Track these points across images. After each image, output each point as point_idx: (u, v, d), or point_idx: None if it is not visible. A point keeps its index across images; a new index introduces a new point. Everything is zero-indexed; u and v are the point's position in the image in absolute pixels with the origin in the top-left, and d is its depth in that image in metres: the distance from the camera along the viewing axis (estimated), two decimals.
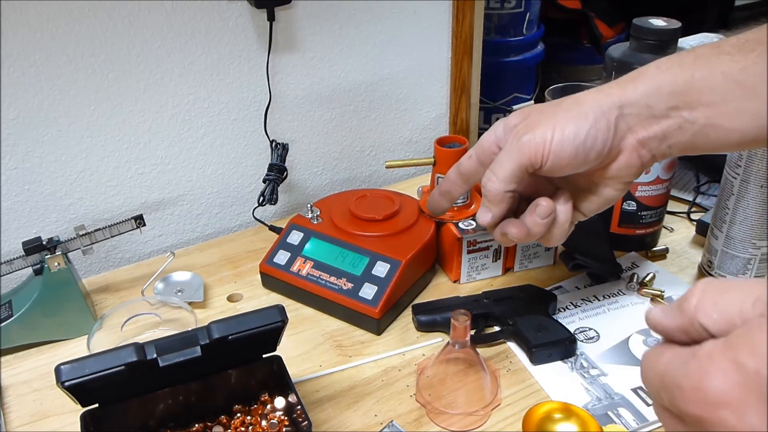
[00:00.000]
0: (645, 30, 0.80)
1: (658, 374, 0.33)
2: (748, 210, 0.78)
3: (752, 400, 0.28)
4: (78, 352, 0.78)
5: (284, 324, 0.61)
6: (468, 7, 1.12)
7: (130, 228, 0.83)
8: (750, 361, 0.28)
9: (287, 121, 1.06)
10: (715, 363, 0.29)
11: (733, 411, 0.28)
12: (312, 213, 0.89)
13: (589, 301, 0.84)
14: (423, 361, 0.75)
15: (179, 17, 0.90)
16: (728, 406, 0.28)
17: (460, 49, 1.15)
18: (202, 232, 1.07)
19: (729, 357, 0.29)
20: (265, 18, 0.95)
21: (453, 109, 1.22)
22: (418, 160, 0.90)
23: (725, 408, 0.28)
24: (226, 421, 0.66)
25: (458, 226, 0.86)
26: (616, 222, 0.90)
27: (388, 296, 0.79)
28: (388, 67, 1.12)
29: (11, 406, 0.73)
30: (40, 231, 0.93)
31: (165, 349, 0.58)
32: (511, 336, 0.78)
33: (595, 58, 2.18)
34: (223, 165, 1.04)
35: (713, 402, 0.29)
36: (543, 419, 0.65)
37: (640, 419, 0.67)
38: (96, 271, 0.99)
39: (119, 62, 0.89)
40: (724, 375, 0.29)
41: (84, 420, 0.59)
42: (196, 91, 0.96)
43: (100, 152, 0.93)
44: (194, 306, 0.84)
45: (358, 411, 0.70)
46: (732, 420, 0.28)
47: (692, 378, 0.30)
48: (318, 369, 0.75)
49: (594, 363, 0.74)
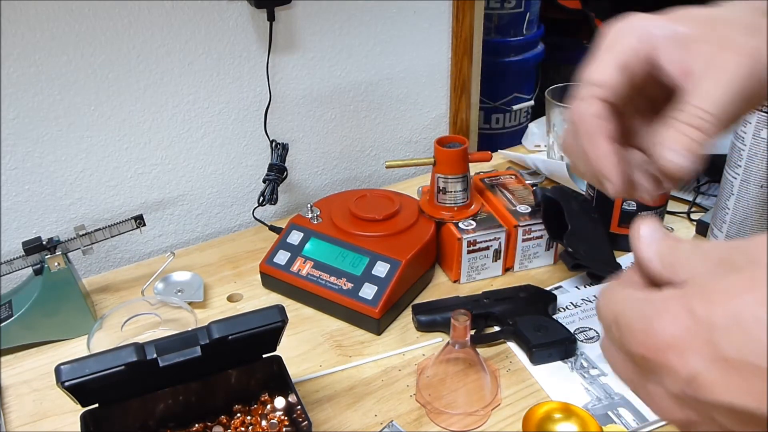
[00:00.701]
0: None
1: (612, 312, 0.33)
2: (748, 210, 0.78)
3: (697, 345, 0.28)
4: (78, 352, 0.78)
5: (284, 324, 0.61)
6: (468, 7, 1.12)
7: (130, 228, 0.83)
8: (701, 308, 0.28)
9: (287, 121, 1.06)
10: (668, 308, 0.30)
11: (677, 354, 0.29)
12: (312, 213, 0.89)
13: (589, 301, 0.84)
14: (423, 361, 0.75)
15: (179, 17, 0.90)
16: (674, 348, 0.29)
17: (460, 49, 1.16)
18: (202, 232, 1.07)
19: (683, 303, 0.29)
20: (265, 18, 0.95)
21: (453, 109, 1.22)
22: (418, 160, 0.90)
23: (671, 351, 0.29)
24: (226, 421, 0.66)
25: (458, 226, 0.86)
26: (616, 222, 0.90)
27: (388, 296, 0.79)
28: (388, 67, 1.12)
29: (11, 406, 0.73)
30: (40, 231, 0.93)
31: (165, 349, 0.58)
32: (511, 336, 0.78)
33: None
34: (223, 165, 1.04)
35: (660, 344, 0.29)
36: (543, 419, 0.65)
37: (640, 419, 0.67)
38: (96, 271, 0.99)
39: (119, 62, 0.89)
40: (674, 319, 0.29)
41: (84, 420, 0.59)
42: (196, 91, 0.96)
43: (100, 152, 0.93)
44: (194, 306, 0.84)
45: (358, 411, 0.70)
46: (675, 362, 0.29)
47: (644, 320, 0.31)
48: (318, 369, 0.76)
49: (594, 363, 0.74)
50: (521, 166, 1.14)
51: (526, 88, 1.84)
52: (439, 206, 0.89)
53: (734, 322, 0.27)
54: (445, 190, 0.88)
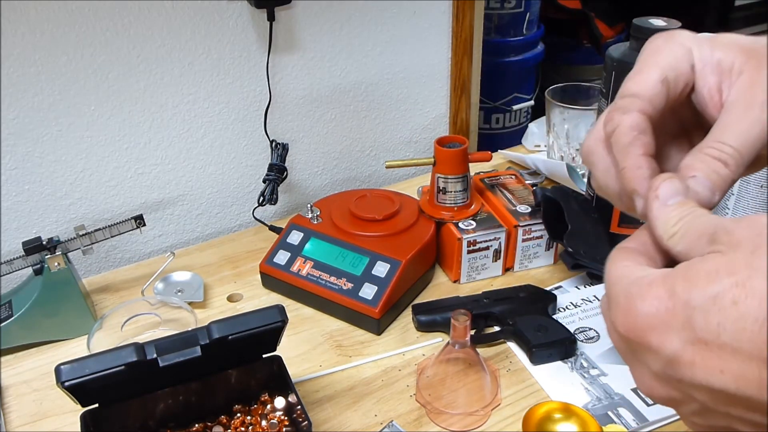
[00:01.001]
0: (645, 30, 0.80)
1: (606, 284, 0.34)
2: (748, 210, 0.78)
3: (677, 326, 0.29)
4: (78, 352, 0.78)
5: (284, 324, 0.61)
6: (468, 7, 1.12)
7: (130, 228, 0.83)
8: (682, 289, 0.29)
9: (287, 121, 1.06)
10: (652, 290, 0.30)
11: (657, 334, 0.30)
12: (312, 213, 0.89)
13: (589, 301, 0.84)
14: (423, 361, 0.75)
15: (179, 17, 0.90)
16: (654, 329, 0.30)
17: (460, 49, 1.15)
18: (202, 232, 1.07)
19: (666, 285, 0.30)
20: (265, 18, 0.95)
21: (453, 109, 1.22)
22: (418, 160, 0.90)
23: (651, 331, 0.30)
24: (226, 421, 0.66)
25: (458, 226, 0.86)
26: (616, 222, 0.90)
27: (388, 296, 0.79)
28: (388, 67, 1.12)
29: (11, 406, 0.73)
30: (40, 231, 0.93)
31: (165, 349, 0.58)
32: (511, 336, 0.78)
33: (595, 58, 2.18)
34: (223, 165, 1.04)
35: (641, 325, 0.30)
36: (543, 419, 0.65)
37: (640, 419, 0.67)
38: (96, 271, 0.99)
39: (119, 62, 0.89)
40: (656, 301, 0.30)
41: (84, 420, 0.59)
42: (196, 91, 0.96)
43: (100, 152, 0.93)
44: (194, 306, 0.84)
45: (358, 411, 0.70)
46: (655, 342, 0.30)
47: (628, 299, 0.31)
48: (318, 369, 0.75)
49: (594, 363, 0.74)
50: (521, 166, 1.14)
51: (526, 88, 1.84)
52: (439, 206, 0.89)
53: (712, 303, 0.28)
54: (445, 190, 0.88)
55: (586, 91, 1.10)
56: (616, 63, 0.82)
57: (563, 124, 1.06)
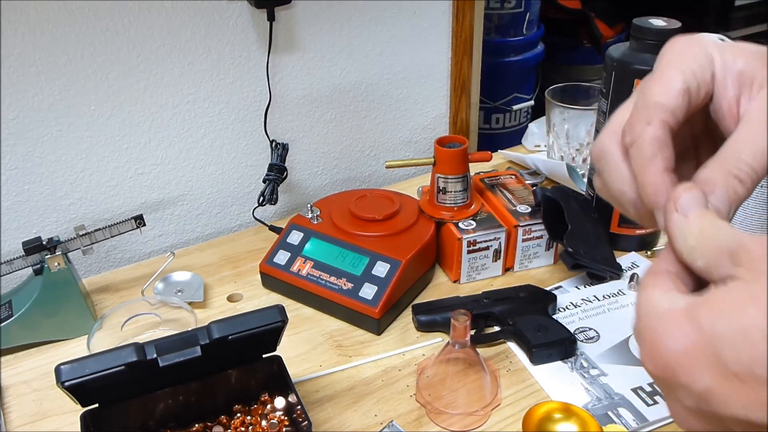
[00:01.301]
0: (645, 30, 0.80)
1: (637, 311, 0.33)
2: (748, 210, 0.78)
3: (705, 360, 0.28)
4: (78, 352, 0.78)
5: (284, 324, 0.61)
6: (468, 7, 1.12)
7: (130, 228, 0.83)
8: (707, 321, 0.28)
9: (287, 121, 1.06)
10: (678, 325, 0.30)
11: (686, 371, 0.29)
12: (312, 213, 0.89)
13: (589, 301, 0.84)
14: (423, 361, 0.75)
15: (179, 17, 0.90)
16: (682, 366, 0.29)
17: (460, 49, 1.16)
18: (202, 232, 1.07)
19: (691, 318, 0.29)
20: (265, 18, 0.95)
21: (453, 109, 1.22)
22: (418, 160, 0.90)
23: (680, 369, 0.29)
24: (226, 421, 0.66)
25: (458, 226, 0.86)
26: (616, 222, 0.90)
27: (388, 296, 0.79)
28: (388, 67, 1.12)
29: (11, 406, 0.73)
30: (40, 231, 0.93)
31: (165, 349, 0.58)
32: (511, 336, 0.78)
33: (595, 58, 2.18)
34: (223, 165, 1.04)
35: (669, 363, 0.29)
36: (543, 419, 0.65)
37: (640, 419, 0.67)
38: (96, 271, 0.99)
39: (119, 62, 0.89)
40: (682, 337, 0.29)
41: (84, 420, 0.59)
42: (196, 91, 0.96)
43: (100, 152, 0.93)
44: (194, 306, 0.84)
45: (358, 411, 0.70)
46: (685, 379, 0.29)
47: (654, 336, 0.30)
48: (318, 369, 0.75)
49: (594, 363, 0.74)
50: (521, 166, 1.14)
51: (526, 88, 1.84)
52: (439, 206, 0.89)
53: (740, 335, 0.27)
54: (445, 190, 0.88)
55: (586, 91, 1.10)
56: (616, 63, 0.82)
57: (563, 124, 1.06)
